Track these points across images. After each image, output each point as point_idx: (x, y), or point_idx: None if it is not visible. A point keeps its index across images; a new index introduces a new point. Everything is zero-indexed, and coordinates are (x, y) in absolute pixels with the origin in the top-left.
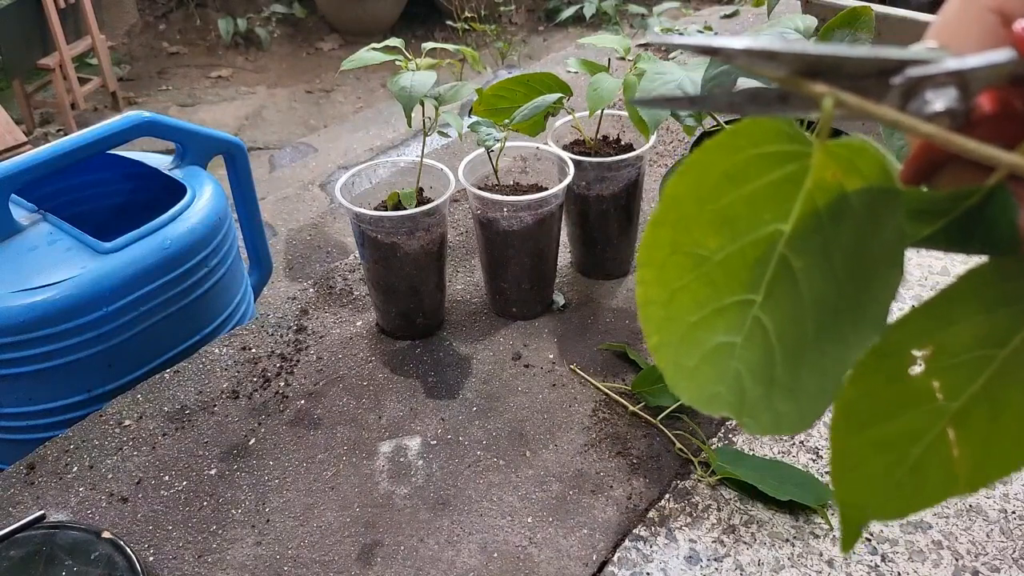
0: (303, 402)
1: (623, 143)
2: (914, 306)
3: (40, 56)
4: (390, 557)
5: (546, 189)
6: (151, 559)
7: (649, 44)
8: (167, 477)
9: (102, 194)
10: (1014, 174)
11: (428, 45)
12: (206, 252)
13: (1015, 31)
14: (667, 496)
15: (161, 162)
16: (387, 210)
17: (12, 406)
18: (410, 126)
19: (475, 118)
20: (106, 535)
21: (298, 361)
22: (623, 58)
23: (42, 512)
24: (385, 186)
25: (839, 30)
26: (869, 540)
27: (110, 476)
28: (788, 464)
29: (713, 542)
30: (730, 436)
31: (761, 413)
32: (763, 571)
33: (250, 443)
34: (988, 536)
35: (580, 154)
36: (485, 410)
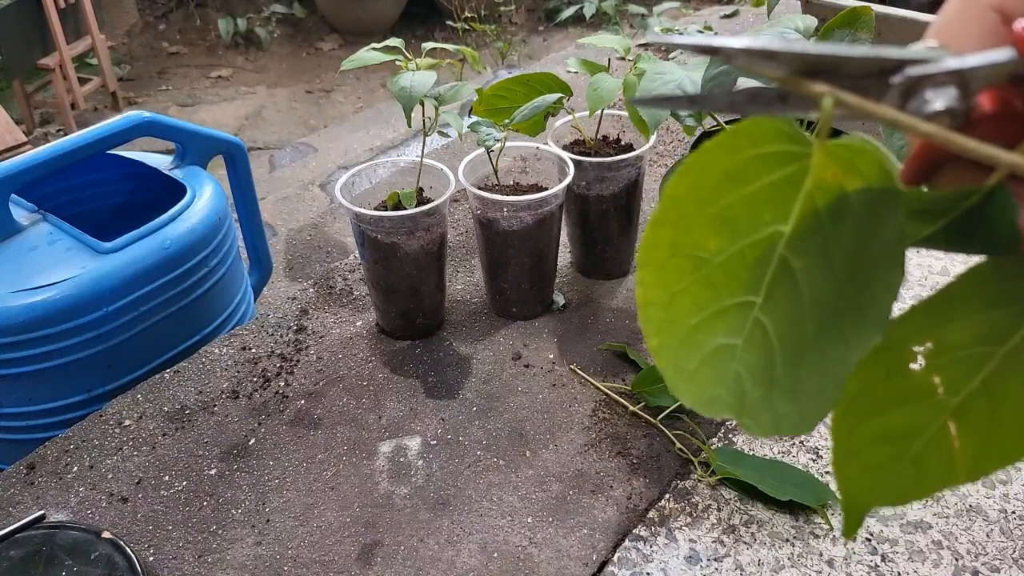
0: (303, 402)
1: (623, 143)
2: (914, 304)
3: (40, 56)
4: (390, 557)
5: (546, 189)
6: (151, 559)
7: (649, 44)
8: (167, 477)
9: (102, 194)
10: (1014, 174)
11: (428, 45)
12: (206, 252)
13: (1015, 30)
14: (667, 496)
15: (161, 162)
16: (387, 210)
17: (12, 406)
18: (410, 126)
19: (475, 118)
20: (106, 535)
21: (298, 361)
22: (623, 58)
23: (42, 512)
24: (385, 186)
25: (839, 30)
26: (869, 540)
27: (110, 476)
28: (788, 464)
29: (713, 542)
30: (730, 436)
31: (762, 415)
32: (763, 571)
33: (250, 443)
34: (988, 536)
35: (580, 154)
36: (485, 410)
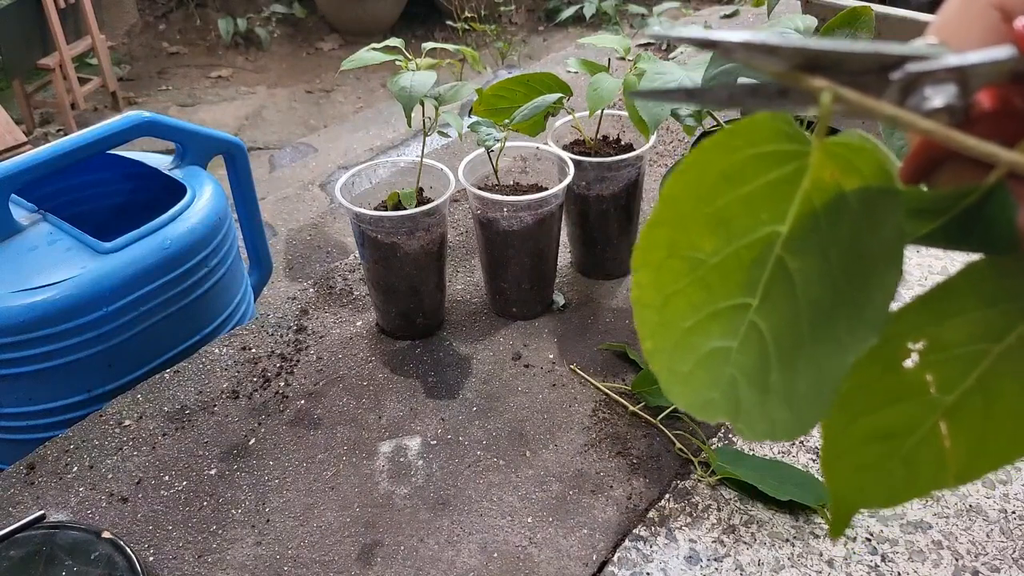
0: (303, 402)
1: (623, 143)
2: (909, 301)
3: (40, 56)
4: (390, 557)
5: (546, 189)
6: (151, 559)
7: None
8: (167, 477)
9: (102, 194)
10: (1013, 172)
11: (428, 45)
12: (206, 252)
13: (1016, 28)
14: (667, 496)
15: (161, 162)
16: (387, 210)
17: (12, 406)
18: (410, 126)
19: (475, 118)
20: (106, 535)
21: (298, 361)
22: (623, 58)
23: (42, 512)
24: (385, 186)
25: (839, 30)
26: (869, 540)
27: (110, 476)
28: (788, 464)
29: (713, 542)
30: (730, 436)
31: (756, 419)
32: (763, 571)
33: (250, 443)
34: (988, 536)
35: (580, 154)
36: (485, 410)
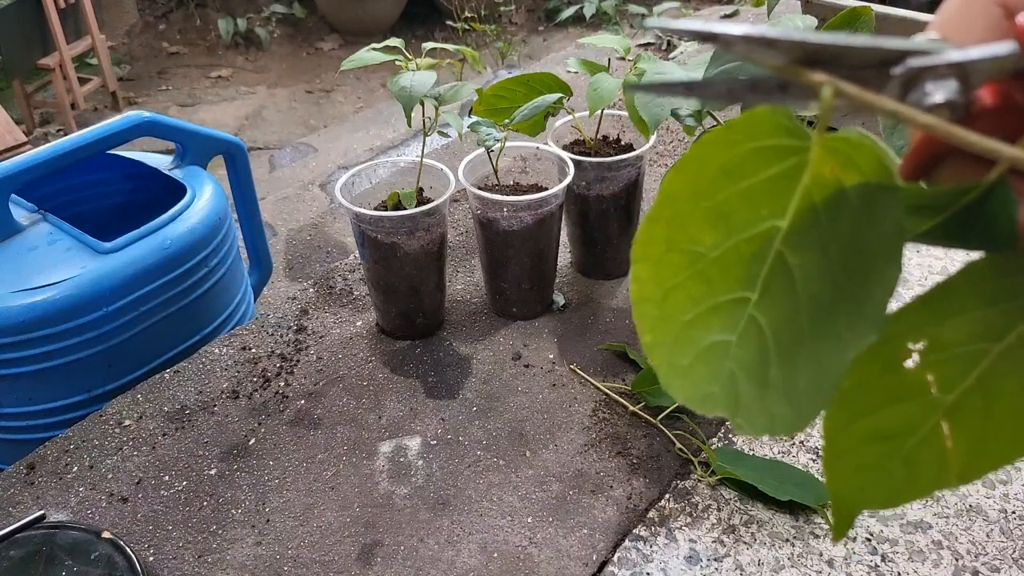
0: (303, 402)
1: (623, 143)
2: (909, 301)
3: (40, 56)
4: (390, 557)
5: (546, 189)
6: (151, 559)
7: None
8: (167, 477)
9: (102, 194)
10: (1015, 168)
11: (428, 45)
12: (206, 252)
13: (1018, 24)
14: (667, 496)
15: (161, 162)
16: (387, 210)
17: (12, 406)
18: (410, 126)
19: (475, 118)
20: (106, 535)
21: (298, 361)
22: (623, 58)
23: (42, 512)
24: (385, 186)
25: (839, 30)
26: (869, 540)
27: (110, 476)
28: (788, 464)
29: (713, 542)
30: (730, 436)
31: (755, 414)
32: (763, 571)
33: (250, 443)
34: (988, 536)
35: (580, 154)
36: (485, 410)
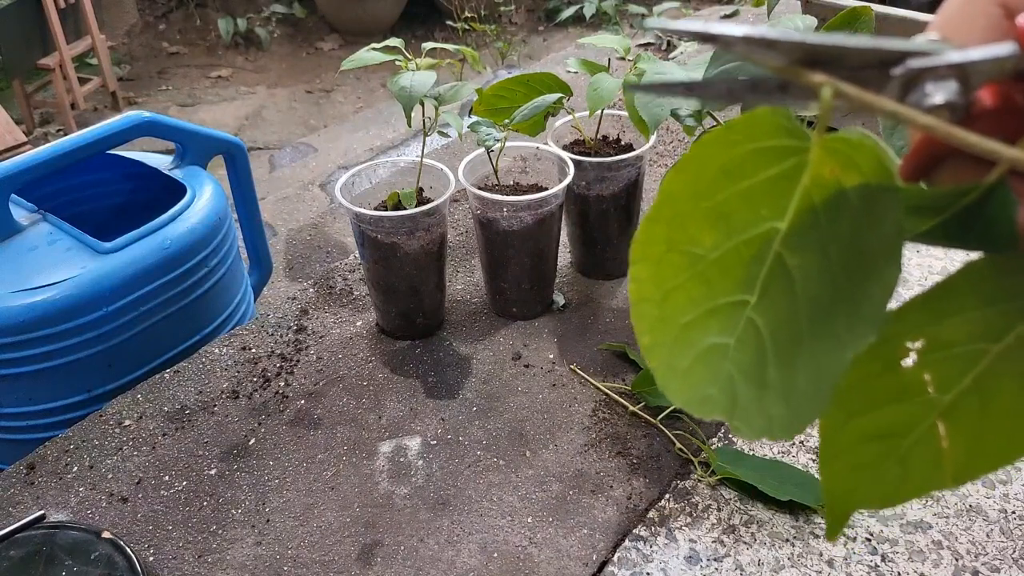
0: (303, 402)
1: (623, 143)
2: (908, 300)
3: (40, 56)
4: (390, 557)
5: (546, 189)
6: (151, 559)
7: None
8: (167, 477)
9: (102, 194)
10: (1014, 169)
11: (428, 45)
12: (206, 252)
13: (1018, 25)
14: (667, 496)
15: (161, 162)
16: (387, 210)
17: (12, 406)
18: (410, 126)
19: (475, 118)
20: (106, 535)
21: (298, 361)
22: (623, 58)
23: (42, 512)
24: (385, 186)
25: (839, 30)
26: (869, 540)
27: (110, 476)
28: (788, 464)
29: (713, 542)
30: (730, 436)
31: (754, 416)
32: (763, 571)
33: (250, 443)
34: (988, 536)
35: (580, 154)
36: (485, 410)
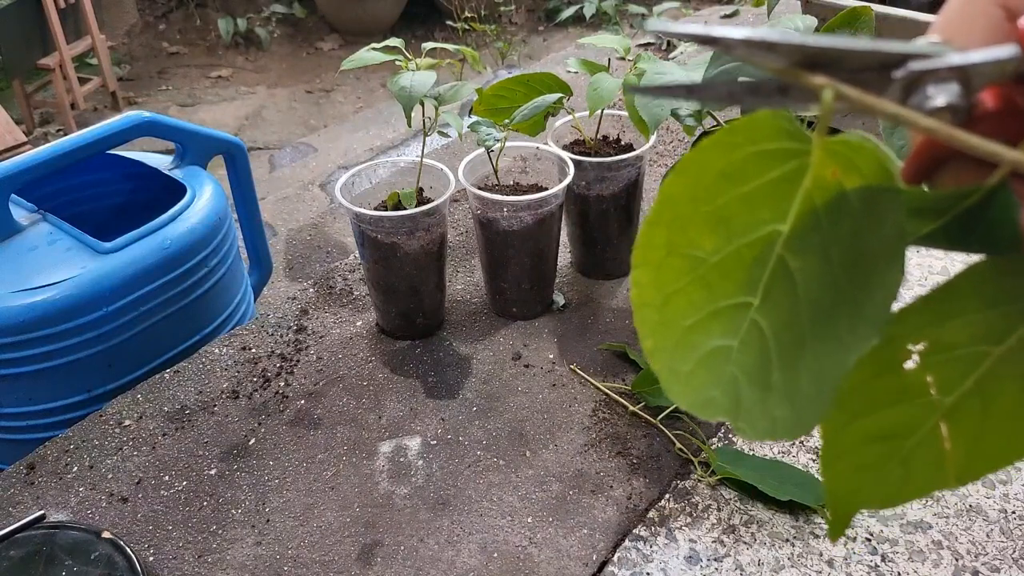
0: (303, 402)
1: (623, 143)
2: (910, 302)
3: (40, 56)
4: (390, 557)
5: (546, 189)
6: (151, 559)
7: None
8: (167, 477)
9: (102, 194)
10: (1016, 172)
11: (428, 45)
12: (206, 252)
13: (1020, 27)
14: (667, 496)
15: (161, 162)
16: (387, 210)
17: (12, 406)
18: (410, 126)
19: (475, 118)
20: (106, 535)
21: (298, 361)
22: (623, 58)
23: (42, 512)
24: (385, 186)
25: (839, 30)
26: (869, 540)
27: (110, 476)
28: (788, 464)
29: (713, 542)
30: (730, 436)
31: (757, 418)
32: (763, 571)
33: (250, 443)
34: (988, 536)
35: (580, 154)
36: (485, 410)
